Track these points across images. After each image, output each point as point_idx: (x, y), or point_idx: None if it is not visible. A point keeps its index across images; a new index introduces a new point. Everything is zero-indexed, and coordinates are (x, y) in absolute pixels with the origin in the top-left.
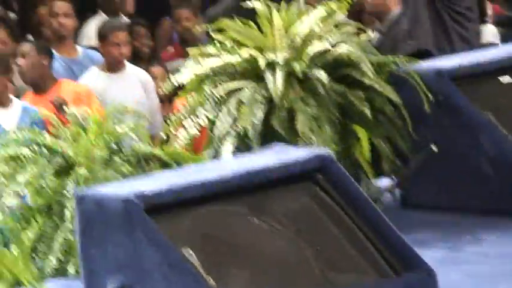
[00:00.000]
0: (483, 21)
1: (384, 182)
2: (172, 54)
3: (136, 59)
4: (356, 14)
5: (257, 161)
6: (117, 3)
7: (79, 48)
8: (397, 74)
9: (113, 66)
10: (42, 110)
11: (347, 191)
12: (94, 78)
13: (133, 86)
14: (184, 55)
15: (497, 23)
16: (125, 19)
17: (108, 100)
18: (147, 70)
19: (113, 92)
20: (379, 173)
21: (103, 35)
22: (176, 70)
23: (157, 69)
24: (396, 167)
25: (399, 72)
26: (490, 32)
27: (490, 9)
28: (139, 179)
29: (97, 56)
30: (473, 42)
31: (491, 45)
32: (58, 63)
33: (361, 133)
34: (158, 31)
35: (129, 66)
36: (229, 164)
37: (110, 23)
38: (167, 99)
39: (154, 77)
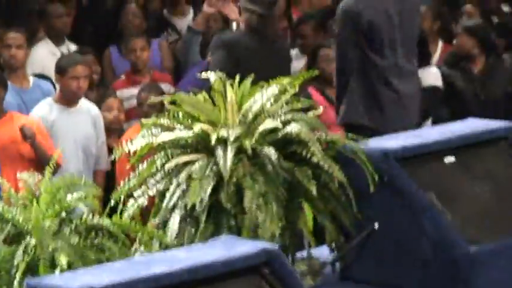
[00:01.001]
0: (426, 63)
1: (326, 254)
2: (123, 83)
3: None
4: None
5: (205, 253)
6: (61, 29)
7: (31, 79)
8: (344, 152)
9: (69, 99)
10: None
11: (291, 286)
12: (47, 109)
13: (85, 120)
14: (136, 84)
15: (445, 62)
16: (70, 46)
17: (59, 133)
18: (97, 99)
19: (64, 125)
20: (322, 242)
21: (62, 69)
22: (127, 99)
23: (113, 100)
24: (338, 242)
25: (346, 151)
26: (432, 75)
27: (438, 49)
28: (89, 270)
29: (47, 86)
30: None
31: (434, 88)
32: (9, 93)
33: (306, 207)
34: (104, 59)
35: (82, 101)
36: (177, 256)
37: (69, 56)
38: (116, 131)
39: (110, 108)
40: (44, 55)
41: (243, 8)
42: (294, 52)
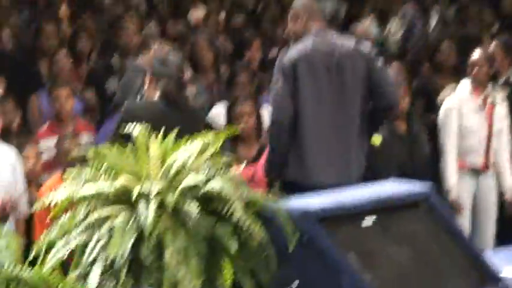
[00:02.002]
0: None
1: None
2: (46, 132)
3: (6, 134)
4: None
5: None
6: None
7: None
8: (265, 211)
9: None
10: None
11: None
12: None
13: (3, 167)
14: (59, 132)
15: None
16: None
17: None
18: (18, 147)
19: None
20: None
21: None
22: (48, 149)
23: (30, 150)
24: None
25: (268, 210)
26: None
27: None
28: None
29: None
30: None
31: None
32: None
33: (226, 264)
34: (29, 107)
35: (1, 147)
36: None
37: None
38: (35, 180)
39: (27, 158)
40: None
41: (152, 76)
42: None
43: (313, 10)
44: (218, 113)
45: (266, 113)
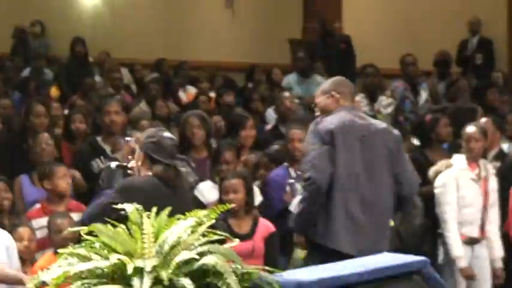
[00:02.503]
0: None
1: None
2: (38, 212)
3: None
4: None
5: None
6: None
7: None
8: (260, 284)
9: None
10: None
11: None
12: None
13: None
14: (51, 212)
15: None
16: None
17: None
18: (12, 228)
19: None
20: None
21: None
22: (42, 228)
23: (23, 230)
24: None
25: (262, 283)
26: None
27: None
28: None
29: None
30: None
31: None
32: None
33: None
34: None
35: None
36: None
37: None
38: (29, 259)
39: (21, 238)
40: None
41: (148, 158)
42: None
43: (345, 89)
44: (204, 188)
45: (257, 190)
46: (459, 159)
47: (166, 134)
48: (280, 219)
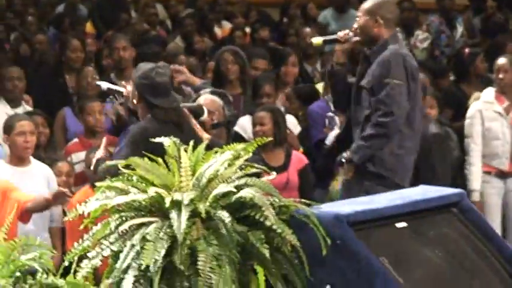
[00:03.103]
0: None
1: None
2: (77, 146)
3: (35, 149)
4: None
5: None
6: (17, 92)
7: None
8: (297, 216)
9: (19, 158)
10: None
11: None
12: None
13: (37, 181)
14: (89, 146)
15: None
16: (27, 108)
17: None
18: (48, 161)
19: (17, 186)
20: None
21: (8, 127)
22: (80, 162)
23: (62, 165)
24: None
25: (299, 215)
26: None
27: None
28: None
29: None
30: None
31: None
32: None
33: (259, 270)
34: (57, 120)
35: (34, 162)
36: None
37: (15, 115)
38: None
39: (60, 173)
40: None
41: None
42: None
43: (391, 15)
44: (245, 122)
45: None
46: (488, 92)
47: (158, 69)
48: (317, 151)
